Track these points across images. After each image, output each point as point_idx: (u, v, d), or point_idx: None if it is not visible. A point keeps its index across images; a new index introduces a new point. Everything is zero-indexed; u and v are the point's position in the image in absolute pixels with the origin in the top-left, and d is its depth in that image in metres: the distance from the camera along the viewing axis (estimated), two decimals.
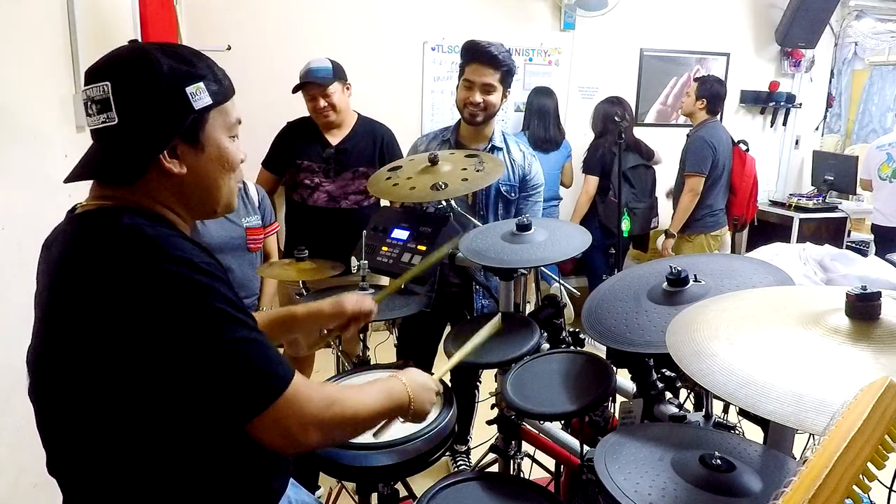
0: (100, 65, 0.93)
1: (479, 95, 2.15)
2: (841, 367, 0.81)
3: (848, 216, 4.55)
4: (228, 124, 0.98)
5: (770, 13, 4.76)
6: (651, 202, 3.84)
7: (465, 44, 2.21)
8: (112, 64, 0.92)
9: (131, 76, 0.89)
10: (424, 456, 1.31)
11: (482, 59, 2.14)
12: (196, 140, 0.94)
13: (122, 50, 0.94)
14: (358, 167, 2.65)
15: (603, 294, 1.38)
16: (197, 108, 0.92)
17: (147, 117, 0.90)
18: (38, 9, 1.84)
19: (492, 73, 2.14)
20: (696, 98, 3.60)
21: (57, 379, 0.89)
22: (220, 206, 1.02)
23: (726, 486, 0.88)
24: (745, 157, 3.78)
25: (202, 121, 0.94)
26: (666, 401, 1.30)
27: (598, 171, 3.73)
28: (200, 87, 0.92)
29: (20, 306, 1.59)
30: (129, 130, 0.90)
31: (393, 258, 1.86)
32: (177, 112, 0.90)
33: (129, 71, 0.90)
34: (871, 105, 6.43)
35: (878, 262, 2.02)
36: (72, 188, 1.83)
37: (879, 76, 6.10)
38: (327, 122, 2.63)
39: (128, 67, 0.90)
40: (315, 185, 2.64)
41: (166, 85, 0.90)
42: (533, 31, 4.26)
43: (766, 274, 1.25)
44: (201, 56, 0.96)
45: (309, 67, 2.58)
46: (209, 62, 0.96)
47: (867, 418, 0.60)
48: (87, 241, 0.87)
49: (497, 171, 1.94)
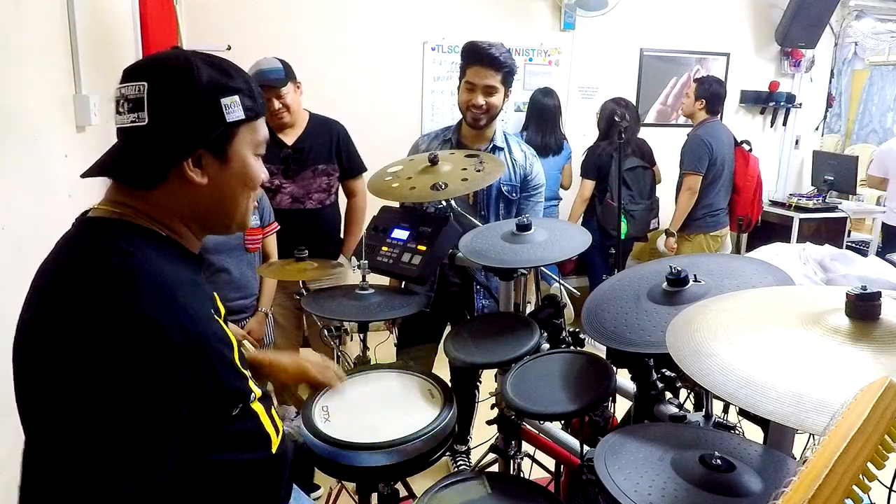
0: (140, 65, 0.92)
1: (481, 98, 2.15)
2: (841, 367, 0.81)
3: (848, 216, 4.55)
4: (256, 142, 0.98)
5: (770, 13, 4.76)
6: (649, 204, 3.81)
7: (465, 45, 2.20)
8: (153, 66, 0.91)
9: (169, 80, 0.89)
10: (424, 456, 1.31)
11: (483, 61, 2.14)
12: (222, 153, 0.94)
13: (166, 54, 0.94)
14: (317, 165, 2.63)
15: (603, 294, 1.37)
16: (229, 120, 0.91)
17: (177, 122, 0.89)
18: (38, 9, 1.84)
19: (493, 75, 2.13)
20: (695, 98, 3.64)
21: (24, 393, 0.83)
22: (235, 223, 1.01)
23: (726, 486, 0.88)
24: (749, 157, 3.79)
25: (231, 134, 0.93)
26: (666, 401, 1.30)
27: (593, 175, 3.73)
28: (235, 100, 0.92)
29: (20, 306, 1.59)
30: (157, 133, 0.89)
31: (393, 258, 1.86)
32: (208, 121, 0.90)
33: (169, 74, 0.89)
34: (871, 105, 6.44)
35: (878, 262, 2.02)
36: (72, 189, 1.84)
37: (879, 76, 6.10)
38: (281, 124, 2.61)
39: (168, 71, 0.89)
40: (276, 188, 2.61)
41: (202, 93, 0.89)
42: (533, 31, 4.26)
43: (766, 274, 1.25)
44: (241, 71, 0.96)
45: (260, 69, 2.51)
46: (248, 78, 0.96)
47: (867, 418, 0.60)
48: (67, 278, 0.83)
49: (497, 171, 1.94)
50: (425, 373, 1.57)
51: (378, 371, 1.62)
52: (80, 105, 2.05)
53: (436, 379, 1.53)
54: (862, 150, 7.38)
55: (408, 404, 1.44)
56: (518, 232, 1.68)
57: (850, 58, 5.62)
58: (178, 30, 3.31)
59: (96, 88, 2.20)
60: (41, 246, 1.08)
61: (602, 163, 3.69)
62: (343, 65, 3.92)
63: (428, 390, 1.49)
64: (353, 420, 1.38)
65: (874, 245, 4.87)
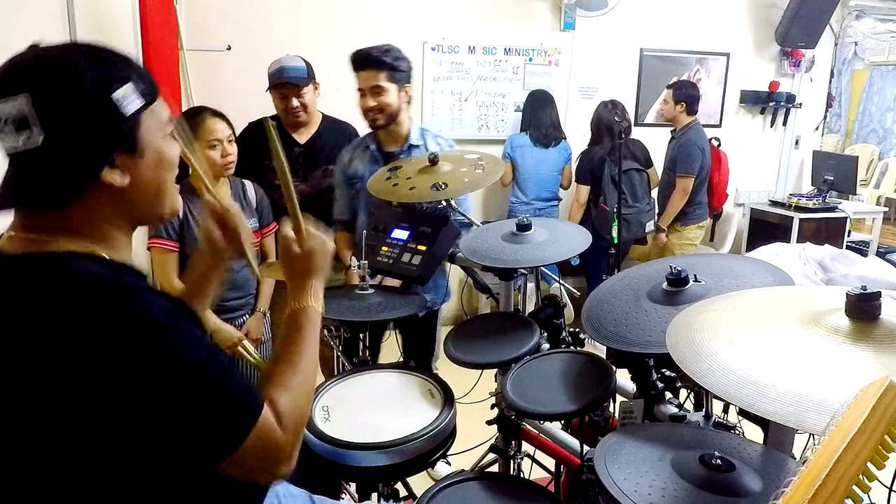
0: (10, 73, 0.79)
1: (371, 100, 2.18)
2: (841, 367, 0.81)
3: (848, 216, 4.55)
4: (162, 123, 0.90)
5: (770, 13, 4.76)
6: (643, 206, 3.79)
7: (350, 56, 2.25)
8: (27, 73, 0.79)
9: (53, 87, 0.78)
10: (424, 456, 1.31)
11: (363, 64, 2.19)
12: (133, 147, 0.85)
13: (34, 54, 0.82)
14: (327, 166, 2.61)
15: (603, 294, 1.38)
16: (128, 113, 0.82)
17: (78, 132, 0.79)
18: (38, 9, 1.84)
19: (375, 75, 2.16)
20: (675, 103, 3.81)
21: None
22: (167, 209, 0.94)
23: (726, 486, 0.88)
24: (721, 155, 4.08)
25: (136, 125, 0.85)
26: (666, 401, 1.30)
27: (588, 180, 3.74)
28: (129, 89, 0.83)
29: None
30: (59, 149, 0.79)
31: (393, 258, 1.86)
32: (110, 121, 0.81)
33: (50, 81, 0.78)
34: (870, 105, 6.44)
35: (878, 262, 2.02)
36: None
37: (879, 76, 6.11)
38: (297, 122, 2.61)
39: (48, 77, 0.78)
40: None
41: (94, 92, 0.79)
42: (533, 31, 4.26)
43: (766, 274, 1.26)
44: (119, 54, 0.86)
45: (283, 66, 2.51)
46: (130, 60, 0.86)
47: (867, 418, 0.60)
48: (27, 300, 0.77)
49: (497, 170, 1.94)
50: (425, 373, 1.57)
51: (378, 371, 1.62)
52: None
53: (436, 379, 1.53)
54: (862, 150, 7.39)
55: (408, 404, 1.45)
56: (518, 232, 1.68)
57: (850, 58, 5.62)
58: (178, 30, 3.32)
59: None
60: None
61: (595, 167, 3.71)
62: (343, 65, 3.92)
63: (428, 390, 1.49)
64: (352, 420, 1.38)
65: (874, 245, 4.87)
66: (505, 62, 4.20)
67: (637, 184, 3.71)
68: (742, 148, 4.88)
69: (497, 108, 4.25)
